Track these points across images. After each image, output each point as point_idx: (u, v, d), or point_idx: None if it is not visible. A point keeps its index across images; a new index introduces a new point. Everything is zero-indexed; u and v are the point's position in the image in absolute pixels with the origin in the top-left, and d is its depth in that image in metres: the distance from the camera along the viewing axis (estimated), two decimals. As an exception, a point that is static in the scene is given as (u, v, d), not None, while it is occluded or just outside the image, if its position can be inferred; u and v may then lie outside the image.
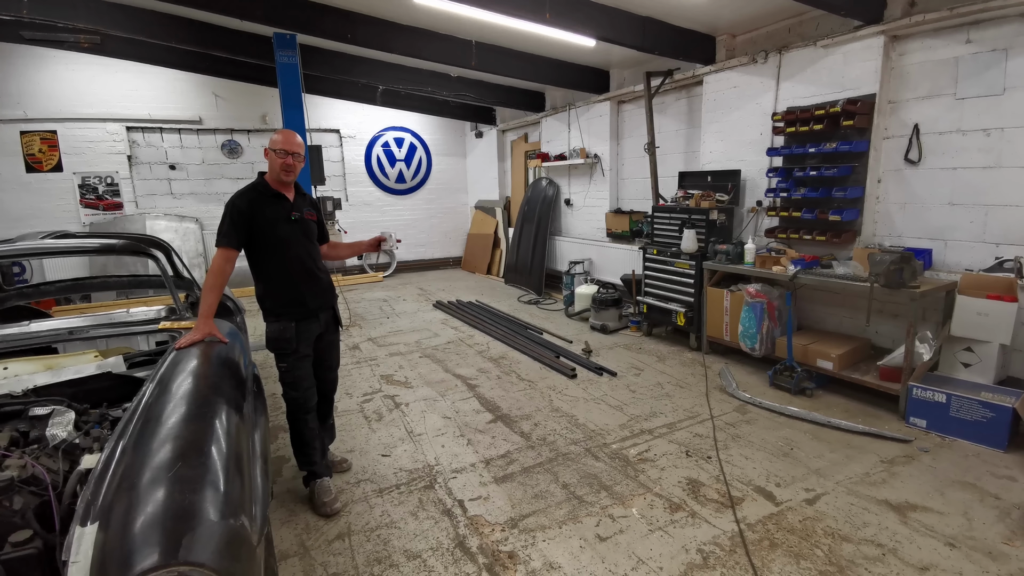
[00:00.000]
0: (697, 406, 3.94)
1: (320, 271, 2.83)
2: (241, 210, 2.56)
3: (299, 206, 2.73)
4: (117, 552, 1.17)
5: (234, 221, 2.55)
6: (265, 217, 2.61)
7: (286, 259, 2.68)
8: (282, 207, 2.67)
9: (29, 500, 1.43)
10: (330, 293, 2.91)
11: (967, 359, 3.60)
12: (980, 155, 3.70)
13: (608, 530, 2.56)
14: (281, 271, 2.70)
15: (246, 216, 2.57)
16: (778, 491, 2.84)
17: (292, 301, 2.72)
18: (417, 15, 5.31)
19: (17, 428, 1.76)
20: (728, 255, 4.76)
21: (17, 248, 3.17)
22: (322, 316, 2.85)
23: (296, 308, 2.73)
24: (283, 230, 2.66)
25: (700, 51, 5.39)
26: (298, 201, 2.74)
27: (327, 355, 2.99)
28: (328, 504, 2.75)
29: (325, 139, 9.54)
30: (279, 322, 2.70)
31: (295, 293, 2.72)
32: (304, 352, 2.77)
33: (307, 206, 2.80)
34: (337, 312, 2.99)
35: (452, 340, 5.79)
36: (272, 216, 2.63)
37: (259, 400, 2.24)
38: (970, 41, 3.68)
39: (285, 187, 2.70)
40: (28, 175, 7.61)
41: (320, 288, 2.82)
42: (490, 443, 3.46)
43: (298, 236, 2.71)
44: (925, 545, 2.40)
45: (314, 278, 2.79)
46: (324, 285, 2.86)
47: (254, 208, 2.58)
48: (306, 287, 2.76)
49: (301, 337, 2.73)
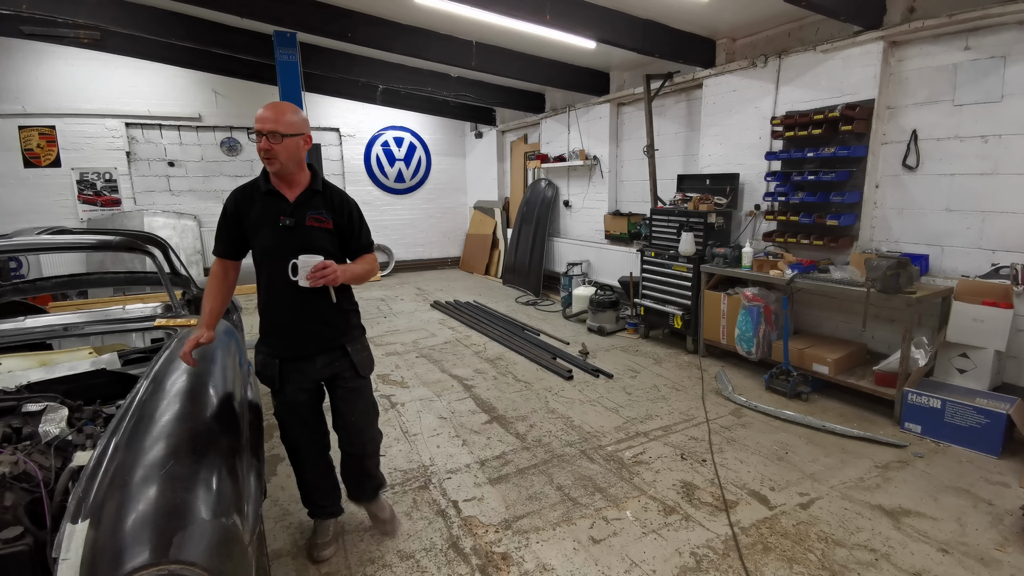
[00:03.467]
0: (693, 409, 3.94)
1: (313, 299, 2.12)
2: (226, 211, 2.12)
3: (301, 208, 2.09)
4: (108, 550, 1.16)
5: (219, 224, 2.15)
6: (250, 220, 2.09)
7: (264, 277, 2.13)
8: (274, 208, 2.09)
9: (20, 496, 1.43)
10: (331, 331, 2.22)
11: (962, 365, 3.61)
12: (977, 161, 3.71)
13: (602, 532, 2.56)
14: (261, 292, 2.17)
15: (231, 218, 2.12)
16: (772, 495, 2.84)
17: (273, 332, 2.20)
18: (418, 15, 5.31)
19: (10, 424, 1.75)
20: (726, 258, 4.77)
21: (14, 243, 3.16)
22: (320, 360, 2.22)
23: (277, 342, 2.19)
24: (264, 239, 2.08)
25: (700, 54, 5.40)
26: (303, 201, 2.11)
27: (344, 408, 2.31)
28: (318, 547, 2.41)
29: (325, 138, 9.53)
30: (262, 355, 2.22)
31: (274, 323, 2.18)
32: (293, 397, 2.23)
33: (318, 209, 2.13)
34: (354, 356, 2.27)
35: (449, 340, 5.78)
36: (256, 220, 2.09)
37: (253, 398, 2.24)
38: (969, 48, 3.70)
39: (284, 181, 2.10)
40: (26, 170, 7.59)
41: (310, 323, 2.16)
42: (485, 444, 3.45)
43: (284, 249, 2.05)
44: (918, 550, 2.41)
45: (301, 308, 2.13)
46: (319, 319, 2.17)
47: (240, 208, 2.10)
48: (286, 318, 2.15)
49: (288, 378, 2.20)
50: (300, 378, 2.22)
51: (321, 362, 2.22)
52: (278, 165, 2.02)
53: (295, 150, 2.04)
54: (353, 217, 2.21)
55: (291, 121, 2.00)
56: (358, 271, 2.20)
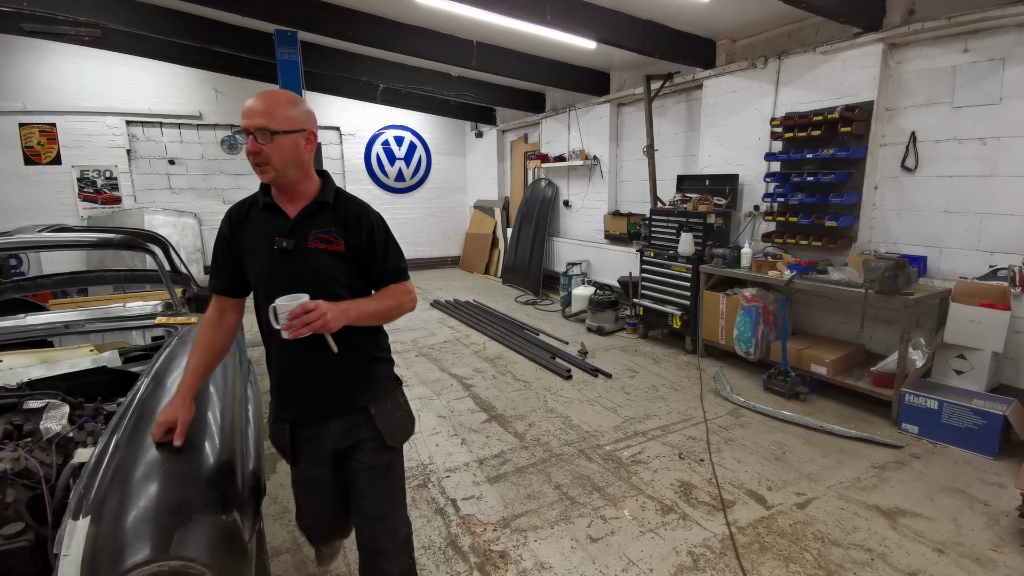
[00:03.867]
0: (691, 409, 3.95)
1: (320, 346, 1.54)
2: (221, 233, 1.64)
3: (303, 225, 1.56)
4: (109, 546, 1.17)
5: (214, 252, 1.67)
6: (243, 243, 1.61)
7: (263, 316, 1.54)
8: (269, 227, 1.57)
9: (22, 493, 1.44)
10: (347, 386, 1.66)
11: (960, 366, 3.62)
12: (976, 163, 3.72)
13: (599, 531, 2.57)
14: (262, 333, 1.64)
15: (226, 243, 1.63)
16: (769, 495, 2.85)
17: (277, 387, 1.70)
18: (418, 14, 5.32)
19: (11, 421, 1.76)
20: (725, 259, 4.78)
21: (14, 241, 3.17)
22: (336, 425, 1.67)
23: (283, 399, 1.70)
24: (258, 266, 1.58)
25: (700, 55, 5.41)
26: (306, 217, 1.57)
27: (359, 488, 1.70)
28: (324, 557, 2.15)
29: (325, 136, 9.52)
30: (272, 416, 1.75)
31: (276, 374, 1.69)
32: (311, 473, 1.75)
33: (326, 226, 1.57)
34: (378, 419, 1.69)
35: (449, 339, 5.79)
36: (249, 242, 1.59)
37: (253, 395, 2.24)
38: (968, 50, 3.70)
39: (285, 192, 1.57)
40: (26, 167, 7.58)
41: (319, 374, 1.62)
42: (484, 443, 3.47)
43: (281, 279, 1.54)
44: (914, 550, 2.42)
45: (304, 354, 1.59)
46: (330, 368, 1.62)
47: (235, 229, 1.62)
48: (287, 368, 1.65)
49: (302, 447, 1.71)
50: (315, 447, 1.70)
51: (337, 428, 1.67)
52: (272, 173, 1.48)
53: (293, 151, 1.50)
54: (375, 236, 1.61)
55: (287, 115, 1.48)
56: (374, 309, 1.59)
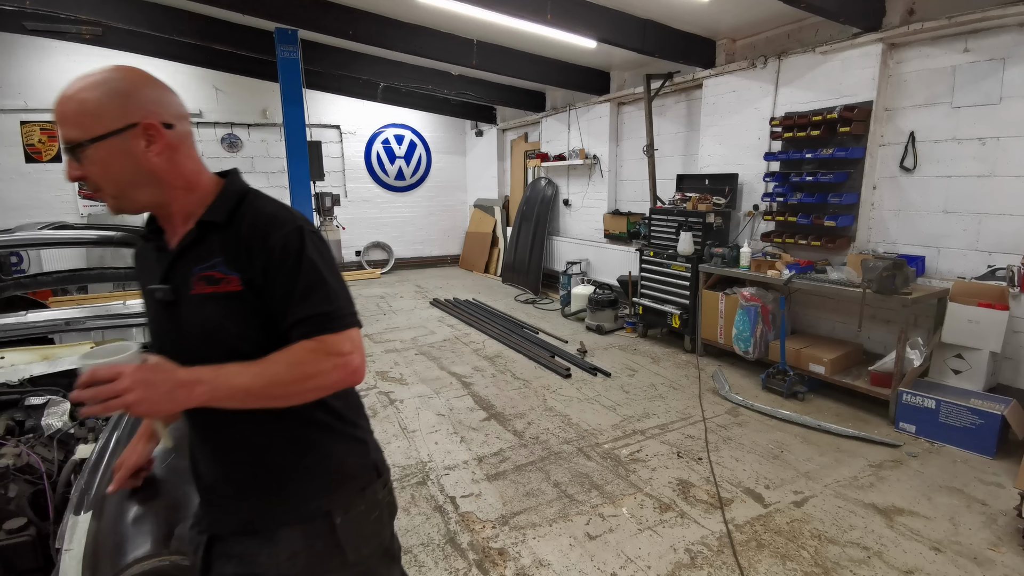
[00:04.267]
0: (690, 408, 3.96)
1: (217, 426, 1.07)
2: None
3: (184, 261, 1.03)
4: (110, 541, 1.19)
5: None
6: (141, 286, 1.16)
7: None
8: (152, 265, 1.10)
9: (24, 488, 1.45)
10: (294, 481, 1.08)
11: (957, 366, 3.63)
12: (975, 164, 3.72)
13: (598, 529, 2.58)
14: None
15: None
16: (767, 493, 2.87)
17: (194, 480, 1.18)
18: (419, 13, 5.32)
19: (13, 417, 1.78)
20: (724, 258, 4.79)
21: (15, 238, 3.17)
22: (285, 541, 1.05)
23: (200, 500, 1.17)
24: (149, 315, 1.14)
25: (700, 55, 5.42)
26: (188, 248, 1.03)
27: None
28: None
29: (325, 135, 9.53)
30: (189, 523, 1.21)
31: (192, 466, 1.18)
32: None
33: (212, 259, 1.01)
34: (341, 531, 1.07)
35: (448, 338, 5.80)
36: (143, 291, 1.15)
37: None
38: (968, 50, 3.71)
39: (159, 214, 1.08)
40: (27, 165, 7.60)
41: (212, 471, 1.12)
42: (483, 441, 3.48)
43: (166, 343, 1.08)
44: (911, 549, 2.43)
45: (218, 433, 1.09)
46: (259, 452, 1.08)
47: (137, 270, 1.20)
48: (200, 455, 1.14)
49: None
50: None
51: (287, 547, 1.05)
52: (110, 200, 1.01)
53: (123, 164, 0.97)
54: (275, 263, 0.99)
55: (92, 111, 0.97)
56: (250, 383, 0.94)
